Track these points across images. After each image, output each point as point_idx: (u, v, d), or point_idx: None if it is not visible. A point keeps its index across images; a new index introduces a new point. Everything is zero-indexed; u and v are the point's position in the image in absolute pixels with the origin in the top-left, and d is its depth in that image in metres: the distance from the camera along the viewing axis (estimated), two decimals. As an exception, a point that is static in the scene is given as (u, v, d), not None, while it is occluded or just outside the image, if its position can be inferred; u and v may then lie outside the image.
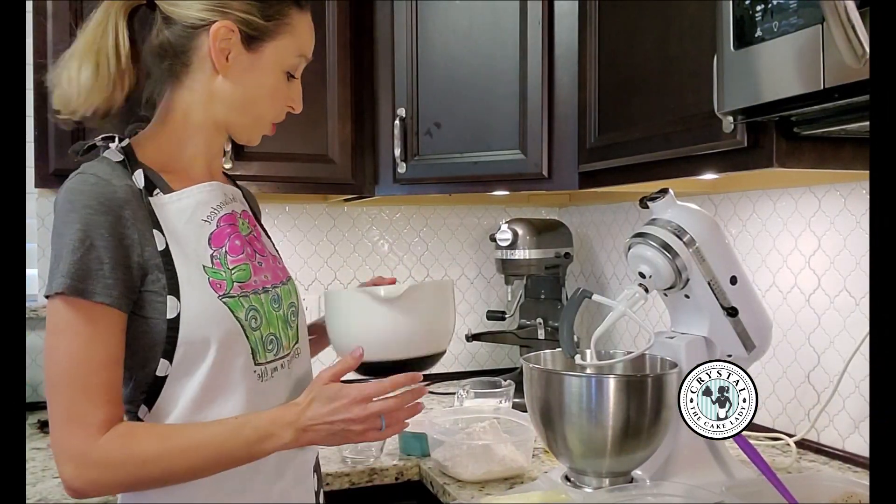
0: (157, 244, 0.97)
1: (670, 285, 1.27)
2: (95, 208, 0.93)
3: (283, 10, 1.04)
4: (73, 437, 0.91)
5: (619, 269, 2.15)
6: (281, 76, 1.06)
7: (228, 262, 1.03)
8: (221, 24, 1.00)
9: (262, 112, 1.07)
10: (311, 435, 0.98)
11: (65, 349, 0.92)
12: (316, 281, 2.20)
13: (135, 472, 0.93)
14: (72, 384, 0.91)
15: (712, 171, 1.25)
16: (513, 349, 2.35)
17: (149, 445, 0.93)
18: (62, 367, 0.92)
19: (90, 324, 0.92)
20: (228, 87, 1.04)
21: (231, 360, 0.99)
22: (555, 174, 1.65)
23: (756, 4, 1.00)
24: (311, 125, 1.78)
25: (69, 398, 0.91)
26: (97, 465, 0.92)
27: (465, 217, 2.35)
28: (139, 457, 0.93)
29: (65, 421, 0.92)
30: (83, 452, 0.91)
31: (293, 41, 1.06)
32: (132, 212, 0.96)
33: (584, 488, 1.23)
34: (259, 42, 1.03)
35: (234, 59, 1.02)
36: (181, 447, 0.94)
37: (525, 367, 1.28)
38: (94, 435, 0.91)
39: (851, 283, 1.46)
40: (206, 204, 1.04)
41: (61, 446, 0.92)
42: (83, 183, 0.95)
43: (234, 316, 1.00)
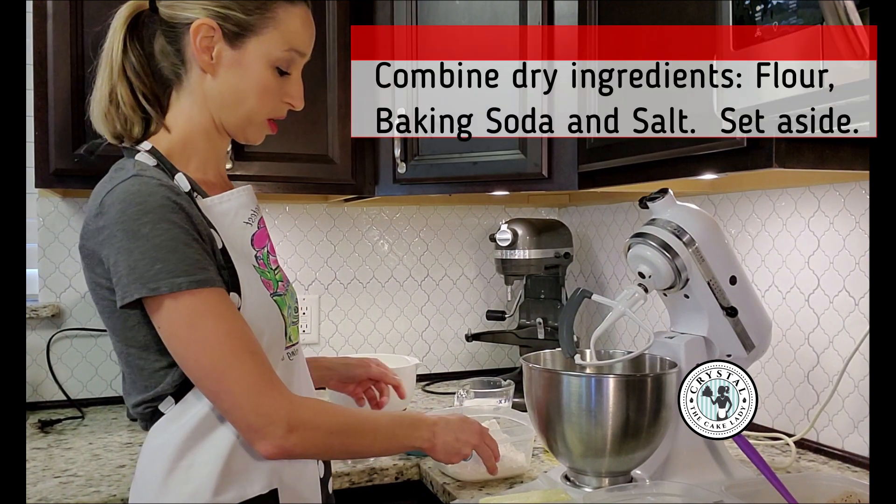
0: (216, 242, 1.00)
1: (670, 285, 1.28)
2: (171, 208, 0.95)
3: (265, 4, 1.03)
4: (275, 400, 0.97)
5: (618, 269, 2.15)
6: (269, 71, 1.05)
7: (271, 262, 1.08)
8: (201, 22, 1.01)
9: (253, 109, 1.06)
10: (439, 439, 1.11)
11: (221, 331, 0.95)
12: (316, 281, 2.20)
13: (330, 439, 1.01)
14: (246, 357, 0.96)
15: (712, 171, 1.25)
16: (513, 349, 2.35)
17: (342, 415, 1.04)
18: (227, 346, 0.95)
19: (224, 303, 0.97)
20: (217, 86, 1.04)
21: (272, 351, 1.04)
22: (554, 174, 1.65)
23: (756, 4, 1.00)
24: (311, 125, 1.78)
25: (252, 369, 0.96)
26: (307, 424, 0.98)
27: (465, 217, 2.35)
28: (340, 422, 1.02)
29: (260, 388, 0.96)
30: (292, 412, 0.97)
31: (279, 35, 1.04)
32: (196, 212, 0.98)
33: (583, 488, 1.23)
34: (242, 38, 1.03)
35: (217, 57, 1.03)
36: (363, 424, 1.07)
37: (525, 367, 1.28)
38: (290, 396, 0.99)
39: (851, 283, 1.46)
40: (246, 207, 1.08)
41: (266, 413, 0.96)
42: (145, 185, 0.96)
43: (281, 313, 1.06)
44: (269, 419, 0.95)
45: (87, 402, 1.93)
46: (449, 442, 1.12)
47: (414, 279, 2.30)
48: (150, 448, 1.02)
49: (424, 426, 1.11)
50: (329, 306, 2.21)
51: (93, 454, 1.53)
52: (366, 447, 1.09)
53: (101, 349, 1.95)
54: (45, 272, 1.93)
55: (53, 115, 1.57)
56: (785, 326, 1.60)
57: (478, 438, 1.15)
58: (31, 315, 1.87)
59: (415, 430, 1.10)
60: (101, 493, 1.30)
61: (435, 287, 2.32)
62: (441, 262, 2.33)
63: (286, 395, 0.98)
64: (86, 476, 1.39)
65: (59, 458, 1.50)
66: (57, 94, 1.56)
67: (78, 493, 1.30)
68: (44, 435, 1.67)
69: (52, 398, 1.90)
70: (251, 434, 0.96)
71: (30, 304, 1.89)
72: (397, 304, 2.28)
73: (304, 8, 1.08)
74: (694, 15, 1.24)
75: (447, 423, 1.13)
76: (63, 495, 1.29)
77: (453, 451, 1.13)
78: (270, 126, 1.10)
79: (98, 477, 1.38)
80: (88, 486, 1.33)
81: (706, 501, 1.09)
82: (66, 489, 1.32)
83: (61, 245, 1.93)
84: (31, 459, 1.48)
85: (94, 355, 1.96)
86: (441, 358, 2.32)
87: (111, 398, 1.95)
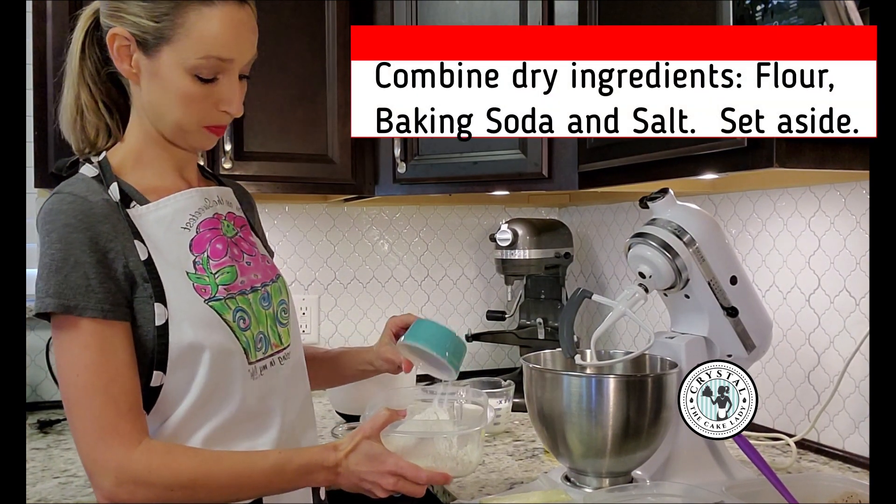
0: (139, 254, 0.97)
1: (670, 285, 1.27)
2: (75, 226, 0.93)
3: (174, 10, 0.96)
4: (110, 449, 0.91)
5: (619, 269, 2.15)
6: (188, 80, 0.97)
7: (211, 266, 1.02)
8: (113, 32, 0.98)
9: (179, 118, 1.00)
10: (341, 479, 1.00)
11: (78, 364, 0.92)
12: (315, 281, 2.20)
13: (175, 494, 0.93)
14: (95, 396, 0.91)
15: (712, 171, 1.25)
16: (513, 349, 2.35)
17: (191, 468, 0.93)
18: (81, 381, 0.92)
19: (94, 336, 0.93)
20: (143, 95, 1.01)
21: (226, 361, 1.00)
22: (555, 174, 1.65)
23: (756, 4, 1.00)
24: (311, 125, 1.78)
25: (96, 410, 0.91)
26: (137, 480, 0.91)
27: (465, 217, 2.35)
28: (183, 478, 0.93)
29: (97, 434, 0.91)
30: (122, 465, 0.91)
31: (191, 42, 0.96)
32: (112, 225, 0.96)
33: (583, 488, 1.23)
34: (155, 46, 0.97)
35: (136, 66, 0.99)
36: (225, 475, 0.95)
37: (525, 367, 1.28)
38: (131, 446, 0.91)
39: (851, 283, 1.46)
40: (185, 211, 1.04)
41: (97, 459, 0.92)
42: (60, 202, 0.95)
43: (222, 318, 1.00)
44: (98, 467, 0.92)
45: (87, 403, 1.93)
46: (355, 483, 1.01)
47: (414, 279, 2.30)
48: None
49: (321, 472, 0.99)
50: (329, 306, 2.21)
51: (93, 454, 1.52)
52: (232, 499, 0.97)
53: (101, 349, 1.95)
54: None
55: (53, 114, 1.56)
56: (785, 326, 1.60)
57: (389, 483, 1.00)
58: (31, 315, 1.86)
59: (307, 475, 0.99)
60: (101, 493, 1.30)
61: (435, 287, 2.32)
62: (441, 262, 2.33)
63: (127, 444, 0.91)
64: (85, 476, 1.38)
65: (59, 459, 1.50)
66: (57, 94, 1.56)
67: (77, 494, 1.30)
68: (43, 435, 1.67)
69: (52, 398, 1.90)
70: (88, 476, 0.95)
71: (30, 304, 1.88)
72: (397, 304, 2.28)
73: (224, 8, 0.97)
74: (694, 15, 1.24)
75: (356, 464, 1.00)
76: (62, 496, 1.29)
77: (358, 489, 1.02)
78: (212, 132, 1.04)
79: (98, 477, 1.38)
80: (87, 486, 1.33)
81: (707, 502, 1.09)
82: (66, 489, 1.32)
83: (61, 245, 1.93)
84: (31, 460, 1.48)
85: (94, 355, 1.96)
86: (441, 358, 2.32)
87: (111, 398, 1.95)
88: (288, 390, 1.09)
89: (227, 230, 1.08)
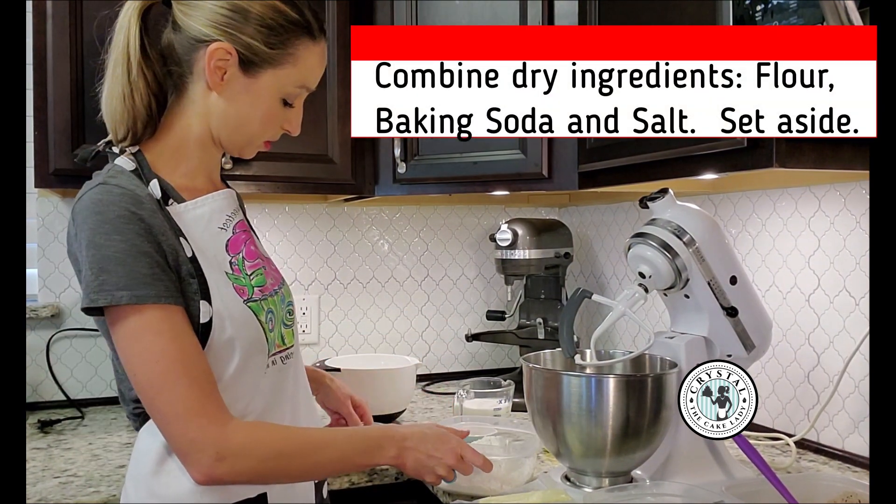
0: (185, 251, 0.98)
1: (670, 285, 1.27)
2: (129, 218, 0.94)
3: (289, 40, 1.04)
4: (203, 428, 0.94)
5: (619, 269, 2.15)
6: (276, 102, 1.06)
7: (246, 267, 1.06)
8: (219, 46, 1.00)
9: (254, 133, 1.08)
10: (407, 455, 1.05)
11: (154, 351, 0.94)
12: (316, 281, 2.20)
13: (269, 465, 0.97)
14: (178, 380, 0.93)
15: (712, 171, 1.25)
16: (513, 349, 2.35)
17: (280, 440, 0.99)
18: (160, 366, 0.93)
19: (167, 321, 0.94)
20: (222, 105, 1.04)
21: (253, 359, 1.03)
22: (555, 174, 1.65)
23: (756, 4, 1.00)
24: (311, 125, 1.78)
25: (181, 393, 0.93)
26: (237, 453, 0.95)
27: (465, 217, 2.35)
28: (274, 449, 0.97)
29: (188, 415, 0.93)
30: (219, 441, 0.94)
31: (295, 71, 1.05)
32: (159, 221, 0.97)
33: (583, 488, 1.23)
34: (258, 68, 1.03)
35: (229, 80, 1.03)
36: (306, 447, 1.00)
37: (525, 367, 1.28)
38: (222, 423, 0.95)
39: (851, 283, 1.46)
40: (222, 212, 1.07)
41: (194, 439, 0.94)
42: (109, 194, 0.95)
43: (258, 319, 1.03)
44: (195, 446, 0.94)
45: (87, 403, 1.93)
46: (420, 459, 1.05)
47: (414, 279, 2.30)
48: (137, 450, 1.03)
49: (391, 443, 1.05)
50: (329, 306, 2.21)
51: (92, 454, 1.52)
52: (314, 470, 1.05)
53: (101, 349, 1.95)
54: (44, 272, 1.93)
55: (53, 115, 1.57)
56: (785, 326, 1.60)
57: (454, 459, 1.07)
58: (30, 315, 1.87)
59: (377, 448, 1.04)
60: (101, 493, 1.30)
61: (435, 287, 2.32)
62: (441, 262, 2.33)
63: (218, 422, 0.95)
64: (85, 476, 1.38)
65: (59, 459, 1.50)
66: (57, 93, 1.56)
67: (77, 494, 1.30)
68: (43, 435, 1.67)
69: (52, 398, 1.90)
70: (181, 458, 0.96)
71: (29, 304, 1.89)
72: (397, 304, 2.28)
73: (321, 45, 1.08)
74: (694, 15, 1.24)
75: (422, 438, 1.06)
76: (63, 495, 1.29)
77: (426, 469, 1.07)
78: (266, 145, 1.12)
79: (98, 477, 1.38)
80: (88, 486, 1.33)
81: (706, 502, 1.09)
82: (66, 489, 1.32)
83: (61, 245, 1.93)
84: (31, 459, 1.48)
85: (94, 355, 1.96)
86: (441, 358, 2.32)
87: (111, 398, 1.94)
88: (291, 389, 1.11)
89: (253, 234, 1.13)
